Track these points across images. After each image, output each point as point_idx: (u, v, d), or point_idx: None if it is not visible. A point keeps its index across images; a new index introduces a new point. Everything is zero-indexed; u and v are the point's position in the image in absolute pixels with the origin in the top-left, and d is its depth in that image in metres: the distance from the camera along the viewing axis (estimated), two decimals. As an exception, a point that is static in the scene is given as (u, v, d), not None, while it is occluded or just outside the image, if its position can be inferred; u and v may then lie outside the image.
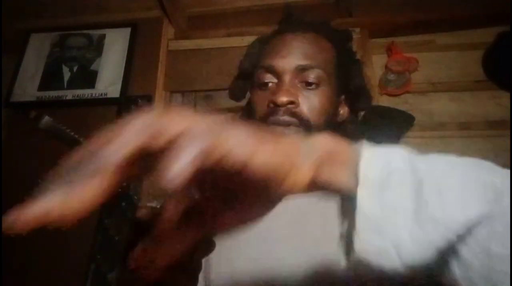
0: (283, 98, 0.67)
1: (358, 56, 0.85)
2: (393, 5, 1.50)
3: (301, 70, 0.71)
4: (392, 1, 1.51)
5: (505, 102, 1.40)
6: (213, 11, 1.65)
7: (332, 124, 0.73)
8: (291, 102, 0.68)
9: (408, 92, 1.44)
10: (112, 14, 1.68)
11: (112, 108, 1.49)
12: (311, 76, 0.71)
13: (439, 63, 1.49)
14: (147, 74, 1.54)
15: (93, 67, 1.58)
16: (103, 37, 1.63)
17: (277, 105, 0.67)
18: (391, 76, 1.44)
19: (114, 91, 1.51)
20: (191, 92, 1.55)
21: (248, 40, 1.55)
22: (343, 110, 0.78)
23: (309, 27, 0.78)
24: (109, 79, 1.54)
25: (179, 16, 1.62)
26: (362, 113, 0.90)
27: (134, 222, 0.36)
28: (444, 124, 1.40)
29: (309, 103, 0.69)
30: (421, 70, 1.46)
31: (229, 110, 1.48)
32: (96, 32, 1.64)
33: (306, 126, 0.68)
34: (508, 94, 1.40)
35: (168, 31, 1.64)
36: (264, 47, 0.80)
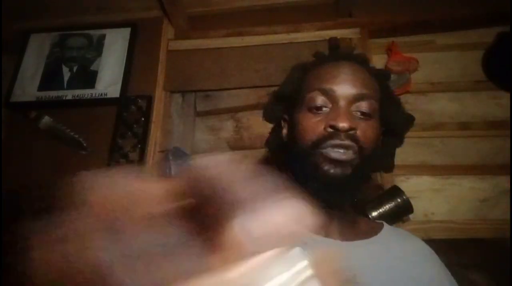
0: (345, 124, 0.67)
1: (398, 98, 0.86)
2: (393, 5, 1.50)
3: (357, 99, 0.71)
4: (392, 1, 1.51)
5: (505, 102, 1.40)
6: (213, 11, 1.65)
7: (376, 155, 0.73)
8: (352, 129, 0.68)
9: (408, 92, 1.44)
10: (112, 14, 1.68)
11: (112, 108, 1.49)
12: (367, 106, 0.71)
13: (439, 63, 1.49)
14: (147, 74, 1.54)
15: (93, 67, 1.58)
16: (103, 37, 1.63)
17: (337, 130, 0.67)
18: (391, 77, 1.43)
19: (114, 91, 1.51)
20: (191, 92, 1.55)
21: (248, 40, 1.56)
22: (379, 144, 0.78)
23: (357, 59, 0.79)
24: (109, 79, 1.54)
25: (179, 16, 1.63)
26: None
27: None
28: (444, 124, 1.40)
29: (364, 131, 0.69)
30: (421, 70, 1.46)
31: (229, 110, 1.48)
32: (96, 32, 1.64)
33: (361, 153, 0.68)
34: (508, 94, 1.40)
35: (168, 31, 1.64)
36: (309, 73, 0.79)
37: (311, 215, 0.22)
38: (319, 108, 0.71)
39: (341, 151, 0.67)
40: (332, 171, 0.67)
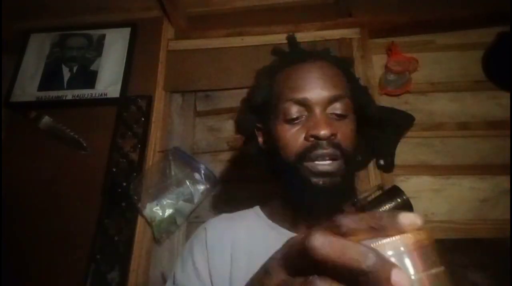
0: (326, 131, 0.66)
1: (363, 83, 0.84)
2: (393, 5, 1.50)
3: (332, 101, 0.70)
4: (392, 1, 1.51)
5: (505, 103, 1.40)
6: (213, 11, 1.65)
7: (357, 150, 0.73)
8: (333, 134, 0.67)
9: (408, 92, 1.44)
10: (112, 14, 1.68)
11: (112, 108, 1.49)
12: (341, 107, 0.70)
13: (439, 63, 1.49)
14: (147, 74, 1.54)
15: (93, 67, 1.58)
16: (103, 37, 1.63)
17: (318, 139, 0.67)
18: (391, 76, 1.43)
19: (114, 91, 1.51)
20: (191, 92, 1.55)
21: (248, 40, 1.56)
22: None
23: (318, 56, 0.78)
24: (109, 79, 1.54)
25: (179, 16, 1.62)
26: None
27: None
28: (444, 124, 1.40)
29: (344, 133, 0.69)
30: (421, 70, 1.46)
31: (229, 110, 1.48)
32: (96, 32, 1.64)
33: (345, 157, 0.68)
34: (508, 94, 1.40)
35: (168, 31, 1.64)
36: (275, 79, 0.78)
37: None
38: (295, 119, 0.71)
39: (327, 162, 0.67)
40: (321, 183, 0.66)
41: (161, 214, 1.30)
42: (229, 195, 1.35)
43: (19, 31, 1.68)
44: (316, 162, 0.67)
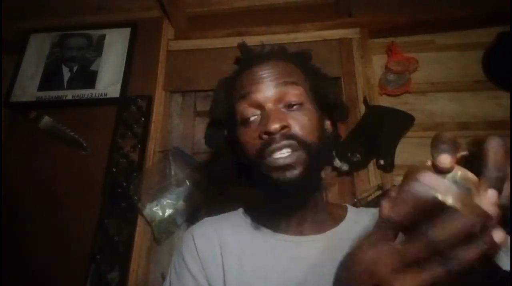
0: (276, 125, 0.66)
1: (322, 72, 0.85)
2: (393, 5, 1.50)
3: (280, 93, 0.70)
4: (392, 1, 1.51)
5: (505, 103, 1.40)
6: (213, 11, 1.65)
7: (324, 139, 0.73)
8: (284, 127, 0.67)
9: (408, 92, 1.44)
10: (112, 14, 1.68)
11: (112, 108, 1.49)
12: (292, 94, 0.71)
13: (439, 63, 1.49)
14: (147, 74, 1.54)
15: (93, 67, 1.58)
16: (103, 37, 1.63)
17: (270, 134, 0.66)
18: (391, 76, 1.44)
19: (114, 91, 1.51)
20: (191, 92, 1.55)
21: (248, 40, 1.55)
22: (327, 124, 0.78)
23: (270, 56, 0.77)
24: (109, 79, 1.54)
25: (179, 16, 1.62)
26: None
27: None
28: (443, 124, 1.40)
29: (299, 123, 0.69)
30: (421, 70, 1.46)
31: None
32: (96, 32, 1.64)
33: (305, 147, 0.67)
34: (508, 94, 1.40)
35: (168, 31, 1.64)
36: (231, 89, 0.78)
37: None
38: (249, 119, 0.71)
39: (283, 155, 0.66)
40: (281, 177, 0.66)
41: (161, 214, 1.29)
42: (227, 195, 1.35)
43: (19, 31, 1.68)
44: (274, 156, 0.66)
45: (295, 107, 0.70)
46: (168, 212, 1.30)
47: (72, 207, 1.35)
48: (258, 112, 0.71)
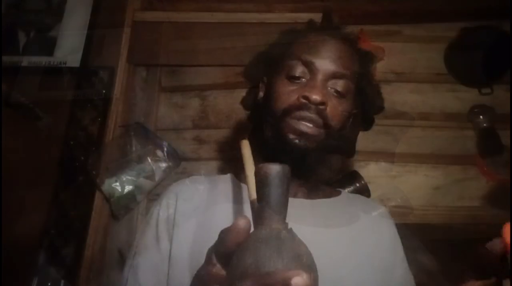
0: (318, 97, 0.69)
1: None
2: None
3: (335, 76, 0.73)
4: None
5: (462, 96, 1.46)
6: (183, -17, 1.60)
7: (345, 129, 0.77)
8: (322, 103, 0.70)
9: (373, 80, 1.47)
10: (75, -22, 1.58)
11: (71, 78, 1.42)
12: (342, 85, 0.74)
13: (404, 53, 1.52)
14: (110, 45, 1.47)
15: (52, 33, 1.49)
16: (64, 1, 1.54)
17: (309, 102, 0.69)
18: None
19: (73, 60, 1.44)
20: (156, 66, 1.51)
21: (218, 17, 1.52)
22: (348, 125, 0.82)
23: (346, 37, 0.81)
24: (69, 47, 1.46)
25: (147, -14, 1.56)
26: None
27: None
28: (405, 114, 1.44)
29: (335, 109, 0.72)
30: (386, 59, 1.49)
31: (195, 87, 1.45)
32: (56, -5, 1.54)
33: (327, 131, 0.71)
34: (465, 88, 1.46)
35: (135, 0, 1.57)
36: (297, 41, 0.80)
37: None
38: (297, 78, 0.73)
39: (309, 124, 0.70)
40: (296, 141, 0.69)
41: (120, 190, 1.27)
42: (191, 174, 1.34)
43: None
44: (299, 121, 0.70)
45: (338, 95, 0.74)
46: (128, 188, 1.27)
47: (26, 179, 1.30)
48: (308, 76, 0.73)
